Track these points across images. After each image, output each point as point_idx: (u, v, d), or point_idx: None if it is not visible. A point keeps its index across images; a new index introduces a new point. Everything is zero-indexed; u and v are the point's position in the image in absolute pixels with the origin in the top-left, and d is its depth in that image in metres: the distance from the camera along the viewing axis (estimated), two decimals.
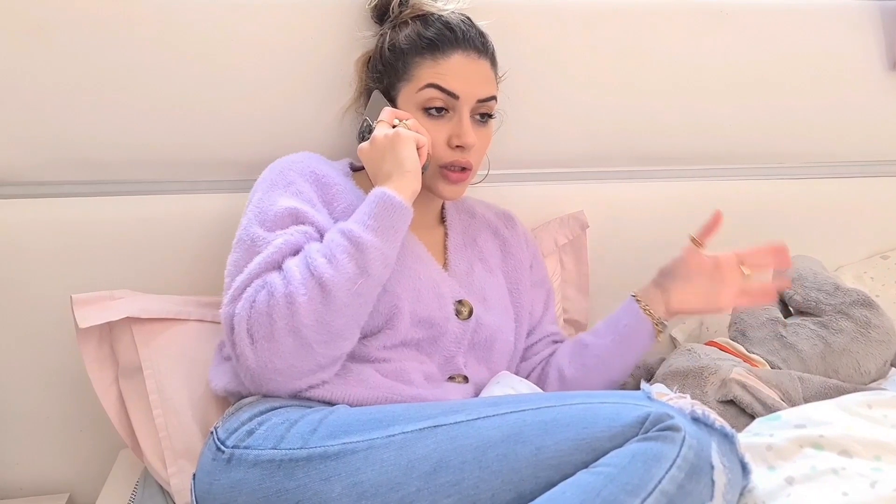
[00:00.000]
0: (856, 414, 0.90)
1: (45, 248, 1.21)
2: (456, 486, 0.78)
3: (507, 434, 0.79)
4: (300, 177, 1.05)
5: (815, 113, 1.50)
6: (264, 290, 0.91)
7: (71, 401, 1.27)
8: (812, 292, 1.31)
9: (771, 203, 1.53)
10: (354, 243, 0.93)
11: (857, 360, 1.23)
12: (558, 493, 0.74)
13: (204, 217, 1.25)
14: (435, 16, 1.09)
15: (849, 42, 1.48)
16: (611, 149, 1.43)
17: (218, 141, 1.24)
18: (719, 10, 1.40)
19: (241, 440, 0.90)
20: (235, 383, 1.00)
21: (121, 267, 1.24)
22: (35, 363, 1.25)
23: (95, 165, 1.21)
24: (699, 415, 0.78)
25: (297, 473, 0.84)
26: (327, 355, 0.93)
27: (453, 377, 1.10)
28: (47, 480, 1.31)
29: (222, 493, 0.89)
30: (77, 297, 1.09)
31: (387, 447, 0.82)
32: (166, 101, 1.20)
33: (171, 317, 1.15)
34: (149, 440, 1.11)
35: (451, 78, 1.06)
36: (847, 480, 0.79)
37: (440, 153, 1.07)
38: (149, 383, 1.10)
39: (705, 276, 1.13)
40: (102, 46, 1.16)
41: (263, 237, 0.97)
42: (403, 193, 0.97)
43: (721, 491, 0.74)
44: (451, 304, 1.09)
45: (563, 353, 1.21)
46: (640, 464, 0.73)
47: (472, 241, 1.21)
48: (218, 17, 1.19)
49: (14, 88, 1.15)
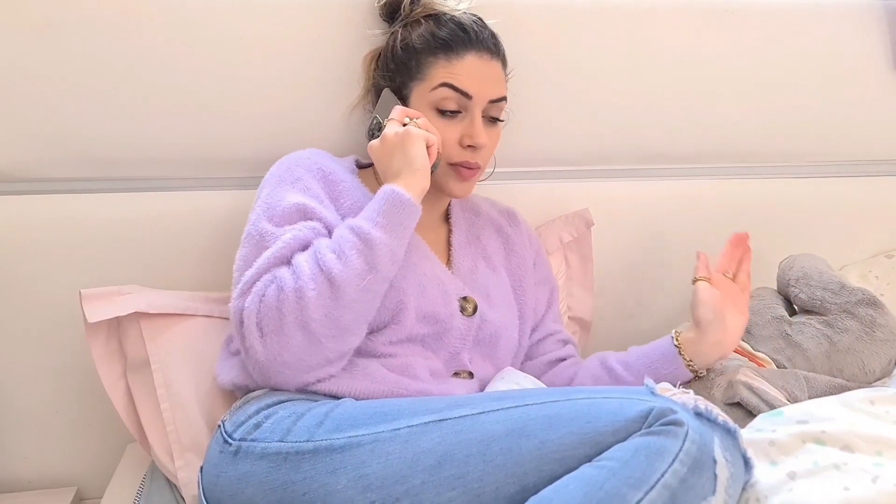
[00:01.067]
0: (858, 410, 0.90)
1: (53, 245, 1.22)
2: (460, 480, 0.79)
3: (512, 428, 0.80)
4: (308, 173, 1.06)
5: (820, 112, 1.50)
6: (274, 285, 0.92)
7: (79, 395, 1.28)
8: (817, 291, 1.31)
9: (776, 202, 1.54)
10: (364, 239, 0.94)
11: (862, 360, 1.23)
12: (562, 486, 0.75)
13: (212, 214, 1.26)
14: (447, 16, 1.10)
15: (854, 42, 1.48)
16: (616, 147, 1.43)
17: (226, 138, 1.24)
18: (725, 10, 1.41)
19: (248, 433, 0.91)
20: (242, 377, 1.01)
21: (129, 263, 1.24)
22: (44, 358, 1.26)
23: (104, 162, 1.22)
24: (702, 409, 0.79)
25: (304, 466, 0.85)
26: (335, 350, 0.94)
27: (458, 373, 1.11)
28: (55, 474, 1.32)
29: (229, 485, 0.90)
30: (86, 292, 1.10)
31: (392, 440, 0.83)
32: (174, 99, 1.21)
33: (179, 312, 1.16)
34: (156, 434, 1.11)
35: (464, 78, 1.06)
36: (849, 475, 0.79)
37: (451, 152, 1.08)
38: (156, 378, 1.11)
39: (719, 307, 1.13)
40: (110, 44, 1.17)
41: (272, 232, 0.98)
42: (412, 191, 0.98)
43: (723, 485, 0.75)
44: (456, 300, 1.10)
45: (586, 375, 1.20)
46: (643, 458, 0.73)
47: (475, 239, 1.22)
48: (226, 14, 1.19)
49: (23, 86, 1.16)
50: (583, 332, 1.45)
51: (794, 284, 1.35)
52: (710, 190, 1.50)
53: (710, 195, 1.50)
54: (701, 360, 1.13)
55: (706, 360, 1.13)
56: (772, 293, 1.40)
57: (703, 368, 1.14)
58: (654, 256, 1.50)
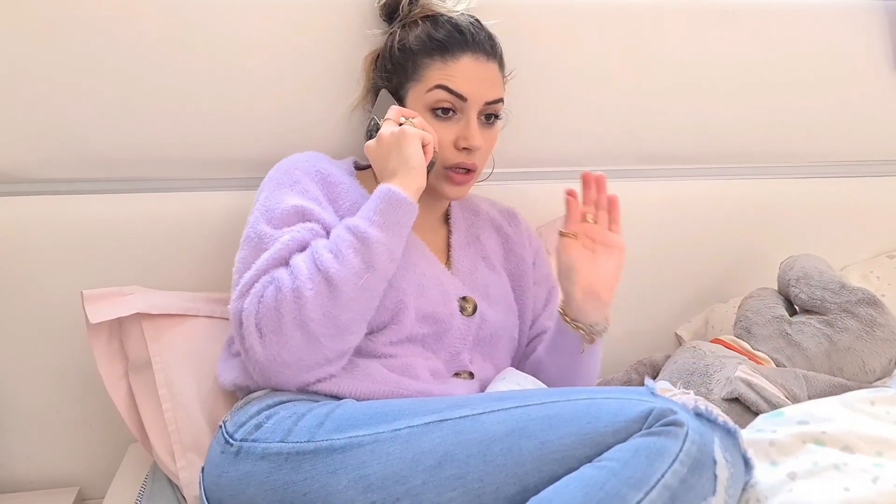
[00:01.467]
0: (858, 410, 0.90)
1: (55, 245, 1.22)
2: (461, 480, 0.79)
3: (512, 428, 0.80)
4: (306, 175, 1.07)
5: (821, 112, 1.50)
6: (272, 286, 0.92)
7: (81, 395, 1.28)
8: (817, 291, 1.31)
9: (777, 202, 1.54)
10: (360, 239, 0.94)
11: (863, 359, 1.24)
12: (562, 487, 0.75)
13: (213, 215, 1.26)
14: (444, 17, 1.10)
15: (855, 42, 1.48)
16: (617, 147, 1.43)
17: (227, 139, 1.25)
18: (726, 10, 1.41)
19: (249, 433, 0.92)
20: (244, 378, 1.01)
21: (130, 264, 1.25)
22: (45, 358, 1.26)
23: (105, 163, 1.23)
24: (702, 410, 0.79)
25: (305, 466, 0.85)
26: (334, 349, 0.95)
27: (459, 373, 1.11)
28: (57, 474, 1.32)
29: (230, 485, 0.90)
30: (88, 293, 1.11)
31: (393, 441, 0.83)
32: (175, 100, 1.21)
33: (181, 313, 1.17)
34: (158, 434, 1.12)
35: (459, 80, 1.07)
36: (849, 476, 0.79)
37: (446, 154, 1.08)
38: (158, 378, 1.12)
39: (584, 253, 1.08)
40: (113, 45, 1.17)
41: (271, 234, 0.98)
42: (408, 190, 0.98)
43: (723, 485, 0.75)
44: (455, 300, 1.10)
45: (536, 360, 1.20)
46: (644, 458, 0.73)
47: (475, 239, 1.22)
48: (227, 15, 1.20)
49: (24, 86, 1.16)
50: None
51: (795, 284, 1.35)
52: (711, 190, 1.50)
53: (711, 195, 1.51)
54: (584, 316, 1.08)
55: (588, 314, 1.08)
56: (772, 293, 1.40)
57: (595, 324, 1.09)
58: (654, 256, 1.50)
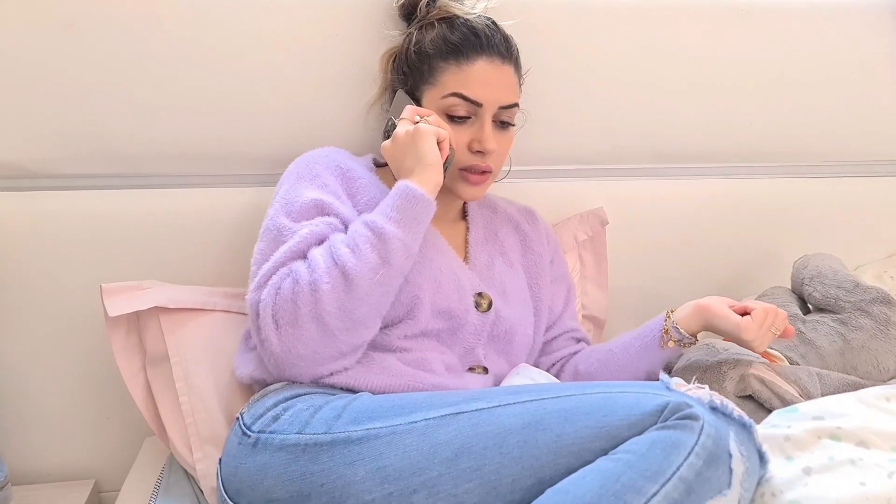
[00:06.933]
0: (874, 406, 0.90)
1: (74, 240, 1.24)
2: (477, 472, 0.79)
3: (528, 421, 0.81)
4: (326, 170, 1.07)
5: (835, 112, 1.50)
6: (289, 278, 0.93)
7: (98, 389, 1.29)
8: (831, 289, 1.31)
9: (791, 201, 1.54)
10: (377, 234, 0.95)
11: (876, 357, 1.23)
12: (578, 479, 0.75)
13: (230, 210, 1.28)
14: (461, 20, 1.10)
15: (870, 41, 1.47)
16: (631, 146, 1.44)
17: (245, 136, 1.26)
18: (740, 10, 1.41)
19: (266, 425, 0.92)
20: (260, 371, 1.02)
21: (149, 258, 1.26)
22: (64, 352, 1.28)
23: (125, 159, 1.24)
24: (717, 404, 0.79)
25: (322, 457, 0.86)
26: (349, 342, 0.95)
27: (473, 368, 1.12)
28: (74, 466, 1.34)
29: (248, 476, 0.91)
30: (106, 287, 1.12)
31: (409, 433, 0.84)
32: (195, 97, 1.22)
33: (198, 307, 1.18)
34: (175, 426, 1.13)
35: (474, 85, 1.07)
36: (865, 471, 0.79)
37: (461, 157, 1.09)
38: (175, 371, 1.13)
39: None
40: (132, 42, 1.18)
41: (289, 227, 0.99)
42: (426, 186, 0.98)
43: (738, 479, 0.75)
44: (471, 296, 1.10)
45: (583, 355, 1.22)
46: (659, 451, 0.74)
47: (493, 236, 1.22)
48: (246, 13, 1.21)
49: (44, 83, 1.18)
50: (597, 330, 1.45)
51: (809, 283, 1.35)
52: (725, 189, 1.50)
53: (725, 194, 1.51)
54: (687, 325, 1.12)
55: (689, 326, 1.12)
56: (786, 292, 1.40)
57: (686, 334, 1.12)
58: (668, 255, 1.50)
